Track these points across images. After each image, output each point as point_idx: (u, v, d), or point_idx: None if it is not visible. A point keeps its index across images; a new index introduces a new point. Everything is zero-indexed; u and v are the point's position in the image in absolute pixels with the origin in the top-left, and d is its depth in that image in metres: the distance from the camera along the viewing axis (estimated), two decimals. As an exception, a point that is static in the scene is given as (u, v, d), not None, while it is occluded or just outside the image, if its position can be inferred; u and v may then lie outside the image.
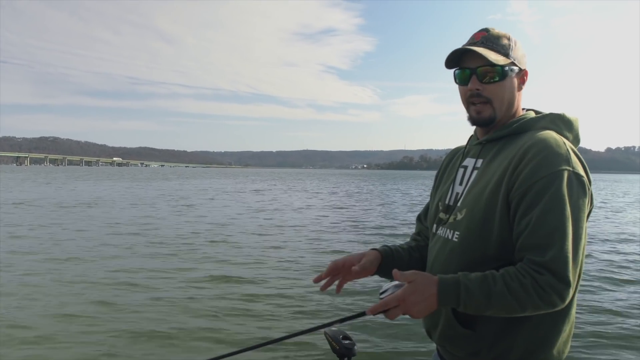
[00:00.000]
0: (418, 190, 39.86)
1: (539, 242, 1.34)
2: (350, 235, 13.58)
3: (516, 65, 1.57)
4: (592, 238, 13.28)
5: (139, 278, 7.97)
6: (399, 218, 18.82)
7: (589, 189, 1.43)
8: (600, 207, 24.89)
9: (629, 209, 24.98)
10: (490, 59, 1.51)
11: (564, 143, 1.46)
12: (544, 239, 1.34)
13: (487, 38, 1.57)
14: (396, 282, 1.41)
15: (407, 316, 1.37)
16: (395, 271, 1.42)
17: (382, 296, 1.40)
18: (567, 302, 1.36)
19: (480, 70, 1.54)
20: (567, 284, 1.32)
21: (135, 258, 9.70)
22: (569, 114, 1.59)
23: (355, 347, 1.49)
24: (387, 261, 1.76)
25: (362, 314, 1.44)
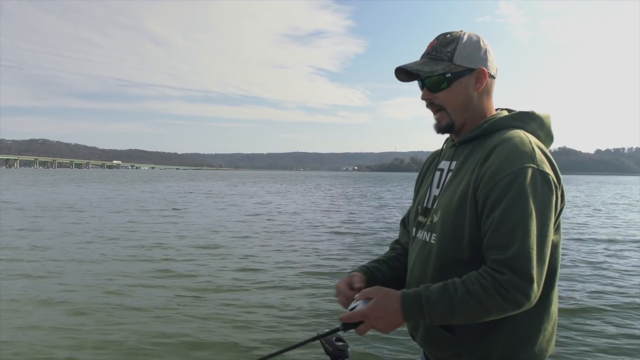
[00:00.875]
0: (411, 192, 39.39)
1: (501, 239, 1.35)
2: (347, 238, 13.49)
3: (464, 67, 1.57)
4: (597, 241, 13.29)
5: (119, 287, 7.81)
6: (393, 220, 18.72)
7: (556, 186, 1.43)
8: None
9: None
10: (423, 72, 1.56)
11: (530, 142, 1.47)
12: (506, 235, 1.34)
13: (434, 47, 1.60)
14: (365, 298, 1.44)
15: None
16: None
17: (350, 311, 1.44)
18: (533, 299, 1.34)
19: (427, 81, 1.59)
20: (530, 281, 1.31)
21: (117, 265, 9.53)
22: (539, 111, 1.60)
23: (349, 349, 1.52)
24: (369, 281, 1.74)
25: (337, 329, 1.49)
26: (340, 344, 1.54)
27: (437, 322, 1.40)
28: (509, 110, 1.66)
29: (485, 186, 1.42)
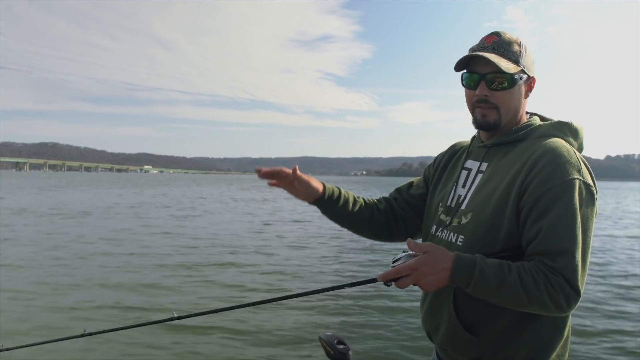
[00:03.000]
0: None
1: (550, 249, 1.35)
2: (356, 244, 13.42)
3: (525, 73, 1.56)
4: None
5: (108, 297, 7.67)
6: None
7: (596, 198, 1.44)
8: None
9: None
10: (501, 67, 1.50)
11: (575, 152, 1.47)
12: (555, 246, 1.34)
13: (498, 43, 1.56)
14: (410, 252, 1.41)
15: (407, 321, 1.53)
16: (409, 241, 1.42)
17: (394, 264, 1.41)
18: (572, 308, 1.36)
19: (490, 76, 1.53)
20: (577, 293, 1.33)
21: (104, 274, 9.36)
22: (576, 122, 1.60)
23: (350, 352, 1.51)
24: (328, 200, 1.79)
25: (374, 279, 1.45)
26: (341, 346, 1.53)
27: (477, 294, 1.39)
28: (541, 117, 1.66)
29: (532, 194, 1.41)
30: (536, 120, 1.61)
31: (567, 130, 1.57)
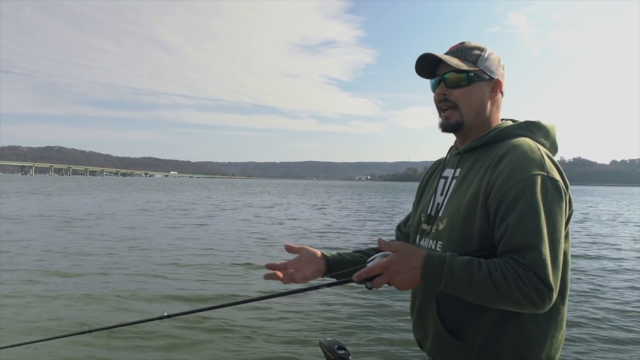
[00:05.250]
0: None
1: (517, 246, 1.36)
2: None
3: (485, 74, 1.62)
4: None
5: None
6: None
7: (565, 193, 1.46)
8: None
9: None
10: (451, 64, 1.58)
11: (538, 149, 1.50)
12: (522, 242, 1.36)
13: (459, 49, 1.65)
14: (384, 252, 1.42)
15: (410, 325, 1.44)
16: (380, 240, 1.44)
17: (368, 264, 1.42)
18: (547, 305, 1.36)
19: (447, 75, 1.61)
20: (549, 287, 1.33)
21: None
22: (545, 121, 1.63)
23: (350, 357, 1.48)
24: (333, 265, 1.74)
25: (349, 280, 1.45)
26: (341, 352, 1.50)
27: (449, 291, 1.40)
28: (513, 121, 1.68)
29: (497, 193, 1.44)
30: (506, 124, 1.65)
31: (534, 129, 1.61)
